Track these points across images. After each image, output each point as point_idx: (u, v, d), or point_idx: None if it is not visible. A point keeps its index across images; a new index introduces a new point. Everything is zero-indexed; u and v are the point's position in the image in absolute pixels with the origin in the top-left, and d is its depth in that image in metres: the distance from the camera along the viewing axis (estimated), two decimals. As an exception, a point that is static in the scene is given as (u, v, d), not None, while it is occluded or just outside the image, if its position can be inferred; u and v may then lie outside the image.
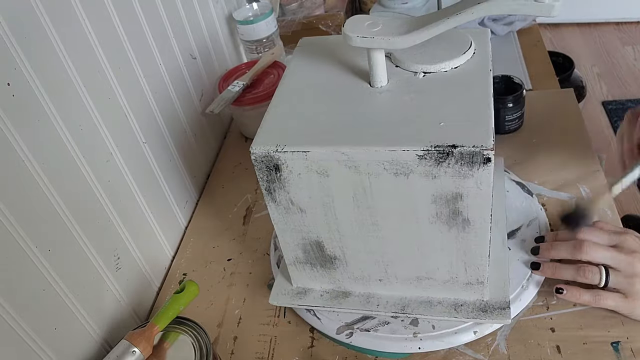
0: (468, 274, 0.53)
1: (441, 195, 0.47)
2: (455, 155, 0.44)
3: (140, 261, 0.69)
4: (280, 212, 0.53)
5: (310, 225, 0.54)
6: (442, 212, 0.49)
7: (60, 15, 0.56)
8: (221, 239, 0.78)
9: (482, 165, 0.44)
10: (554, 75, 0.95)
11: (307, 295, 0.61)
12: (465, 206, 0.48)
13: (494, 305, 0.55)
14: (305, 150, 0.47)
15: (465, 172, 0.45)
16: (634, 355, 0.54)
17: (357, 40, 0.48)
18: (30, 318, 0.50)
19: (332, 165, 0.48)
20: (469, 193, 0.47)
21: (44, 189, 0.53)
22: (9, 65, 0.49)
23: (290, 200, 0.52)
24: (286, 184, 0.50)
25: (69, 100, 0.57)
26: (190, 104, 0.86)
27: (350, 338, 0.59)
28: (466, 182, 0.46)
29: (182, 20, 0.84)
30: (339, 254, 0.56)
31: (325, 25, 1.11)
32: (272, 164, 0.49)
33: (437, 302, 0.57)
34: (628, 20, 2.38)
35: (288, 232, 0.55)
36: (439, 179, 0.46)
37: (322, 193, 0.50)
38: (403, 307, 0.57)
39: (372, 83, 0.52)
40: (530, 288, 0.59)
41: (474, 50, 0.53)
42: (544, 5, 0.44)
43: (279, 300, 0.62)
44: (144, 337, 0.54)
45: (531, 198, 0.69)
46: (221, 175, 0.89)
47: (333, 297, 0.60)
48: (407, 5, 1.03)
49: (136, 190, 0.69)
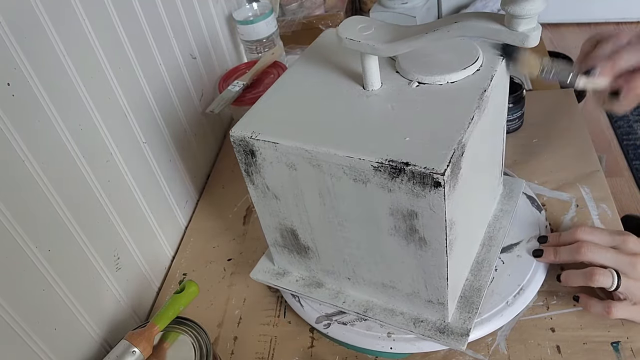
0: (429, 291, 0.53)
1: (397, 210, 0.47)
2: (407, 173, 0.43)
3: (140, 261, 0.69)
4: (259, 195, 0.55)
5: (285, 213, 0.55)
6: (399, 226, 0.48)
7: (60, 15, 0.56)
8: (221, 239, 0.78)
9: (432, 188, 0.43)
10: (554, 75, 0.95)
11: (284, 277, 0.63)
12: (421, 225, 0.47)
13: (454, 329, 0.54)
14: (274, 142, 0.49)
15: (418, 191, 0.44)
16: (634, 355, 0.54)
17: (345, 41, 0.49)
18: (30, 318, 0.50)
19: (298, 160, 0.49)
20: (423, 213, 0.46)
21: (43, 189, 0.53)
22: (9, 65, 0.49)
23: (266, 185, 0.54)
24: (261, 170, 0.52)
25: (69, 100, 0.57)
26: (190, 104, 0.86)
27: (328, 329, 0.60)
28: (419, 201, 0.45)
29: (182, 20, 0.84)
30: (312, 245, 0.57)
31: (325, 25, 1.11)
32: (248, 149, 0.51)
33: (400, 313, 0.57)
34: (628, 20, 2.38)
35: (267, 216, 0.57)
36: (394, 193, 0.46)
37: (292, 185, 0.52)
38: (366, 309, 0.58)
39: (364, 86, 0.52)
40: (531, 288, 0.59)
41: (479, 67, 0.52)
42: (518, 34, 0.43)
43: (259, 276, 0.64)
44: (144, 337, 0.54)
45: (539, 214, 0.67)
46: (221, 175, 0.89)
47: (307, 284, 0.62)
48: (407, 5, 1.03)
49: (136, 190, 0.69)
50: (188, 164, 0.83)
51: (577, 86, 0.53)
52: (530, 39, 0.43)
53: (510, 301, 0.58)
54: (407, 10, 1.02)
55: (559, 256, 0.59)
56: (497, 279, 0.60)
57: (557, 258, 0.59)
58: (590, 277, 0.55)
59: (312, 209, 0.53)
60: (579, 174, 0.73)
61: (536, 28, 0.44)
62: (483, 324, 0.57)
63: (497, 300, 0.58)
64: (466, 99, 0.48)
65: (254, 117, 0.52)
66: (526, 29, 0.43)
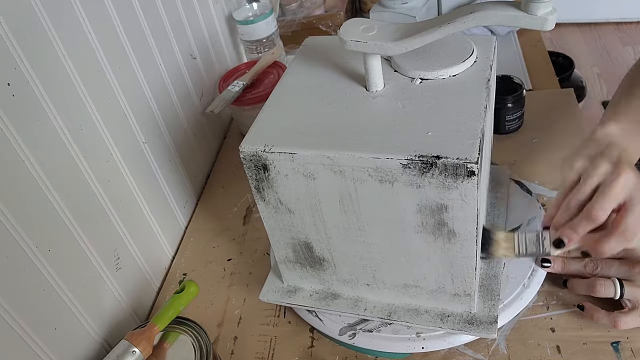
0: (455, 285, 0.53)
1: (426, 206, 0.47)
2: (439, 167, 0.43)
3: (140, 261, 0.69)
4: (270, 211, 0.53)
5: (299, 226, 0.53)
6: (427, 222, 0.48)
7: (60, 15, 0.56)
8: (221, 239, 0.78)
9: (466, 178, 0.43)
10: (554, 75, 0.95)
11: (296, 294, 0.61)
12: (451, 218, 0.47)
13: (481, 318, 0.55)
14: (292, 152, 0.47)
15: (449, 184, 0.44)
16: (634, 355, 0.54)
17: (350, 44, 0.48)
18: (30, 318, 0.50)
19: (318, 169, 0.47)
20: (453, 205, 0.46)
21: (44, 189, 0.53)
22: (9, 65, 0.49)
23: (279, 200, 0.51)
24: (274, 184, 0.50)
25: (69, 100, 0.57)
26: (190, 104, 0.86)
27: (353, 339, 0.58)
28: (451, 194, 0.45)
29: (182, 20, 0.84)
30: (327, 256, 0.56)
31: (325, 25, 1.11)
32: (260, 163, 0.49)
33: (424, 311, 0.56)
34: (628, 20, 2.38)
35: (278, 231, 0.55)
36: (424, 189, 0.45)
37: (309, 195, 0.50)
38: (390, 313, 0.57)
39: (367, 87, 0.52)
40: (531, 288, 0.59)
41: (476, 58, 0.53)
42: (537, 19, 0.43)
43: (269, 297, 0.62)
44: (144, 337, 0.54)
45: (530, 197, 0.69)
46: (221, 175, 0.89)
47: (322, 297, 0.60)
48: (407, 5, 1.03)
49: (136, 190, 0.69)
50: (188, 164, 0.83)
51: (552, 254, 0.56)
52: (548, 22, 0.44)
53: (526, 284, 0.59)
54: (407, 10, 1.02)
55: (570, 268, 0.59)
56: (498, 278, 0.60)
57: (565, 270, 0.59)
58: (592, 288, 0.56)
59: (331, 218, 0.51)
60: (579, 174, 0.73)
61: (553, 11, 0.44)
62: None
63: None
64: (474, 90, 0.49)
65: (262, 128, 0.50)
66: (544, 13, 0.43)
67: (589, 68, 2.16)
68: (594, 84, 2.06)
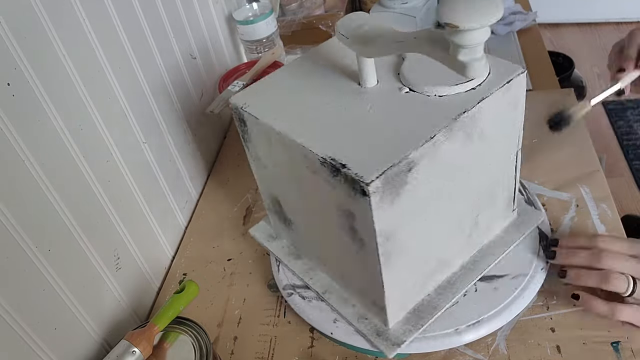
0: (371, 293, 0.53)
1: (339, 208, 0.47)
2: (343, 175, 0.44)
3: (140, 261, 0.69)
4: (252, 162, 0.60)
5: (271, 182, 0.59)
6: (344, 223, 0.49)
7: (60, 15, 0.56)
8: (221, 239, 0.78)
9: (361, 195, 0.43)
10: (554, 75, 0.95)
11: (274, 242, 0.68)
12: (360, 227, 0.47)
13: (389, 336, 0.54)
14: (256, 117, 0.52)
15: (353, 194, 0.44)
16: (634, 355, 0.54)
17: (338, 36, 0.51)
18: (30, 318, 0.50)
19: (273, 138, 0.51)
20: (359, 216, 0.46)
21: (44, 189, 0.53)
22: (9, 65, 0.49)
23: (256, 153, 0.57)
24: (251, 138, 0.56)
25: (69, 100, 0.57)
26: (190, 104, 0.86)
27: (290, 297, 0.62)
28: (355, 204, 0.45)
29: (182, 20, 0.84)
30: (292, 218, 0.60)
31: (325, 25, 1.11)
32: (240, 117, 0.55)
33: (352, 305, 0.58)
34: (628, 20, 2.38)
35: (260, 182, 0.62)
36: (336, 191, 0.46)
37: (271, 158, 0.55)
38: (325, 291, 0.60)
39: (360, 83, 0.53)
40: (531, 288, 0.59)
41: (477, 85, 0.48)
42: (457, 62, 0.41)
43: (256, 234, 0.70)
44: (144, 337, 0.54)
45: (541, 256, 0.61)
46: (221, 176, 0.89)
47: (289, 253, 0.66)
48: (407, 5, 1.03)
49: (136, 190, 0.69)
50: (188, 164, 0.83)
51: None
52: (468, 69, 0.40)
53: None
54: (407, 10, 1.02)
55: (576, 260, 0.57)
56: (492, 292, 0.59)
57: (573, 261, 0.58)
58: (606, 280, 0.54)
59: (288, 186, 0.55)
60: (579, 174, 0.73)
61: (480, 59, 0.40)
62: (483, 324, 0.56)
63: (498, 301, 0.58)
64: (440, 116, 0.46)
65: (251, 91, 0.56)
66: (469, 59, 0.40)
67: (589, 68, 2.16)
68: (594, 84, 2.06)
